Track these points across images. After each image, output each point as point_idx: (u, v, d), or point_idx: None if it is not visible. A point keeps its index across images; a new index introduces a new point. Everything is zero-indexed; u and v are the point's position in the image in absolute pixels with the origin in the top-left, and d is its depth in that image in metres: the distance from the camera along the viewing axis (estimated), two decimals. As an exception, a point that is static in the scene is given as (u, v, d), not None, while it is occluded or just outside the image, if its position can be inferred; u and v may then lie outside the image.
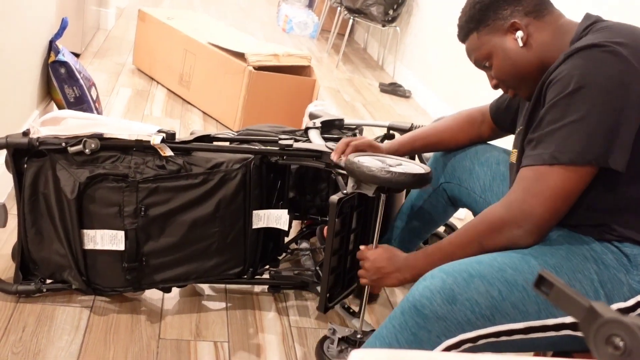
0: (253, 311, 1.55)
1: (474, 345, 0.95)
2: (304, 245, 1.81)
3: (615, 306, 0.92)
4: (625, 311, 0.92)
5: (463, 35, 1.15)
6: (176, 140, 1.40)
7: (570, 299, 0.39)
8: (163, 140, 1.37)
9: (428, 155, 1.90)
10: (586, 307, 0.37)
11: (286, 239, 1.67)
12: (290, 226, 1.57)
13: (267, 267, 1.61)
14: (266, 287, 1.63)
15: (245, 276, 1.53)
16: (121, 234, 1.37)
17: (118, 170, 1.36)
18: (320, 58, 4.47)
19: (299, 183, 1.71)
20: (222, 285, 1.61)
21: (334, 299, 1.39)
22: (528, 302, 0.93)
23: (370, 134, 2.83)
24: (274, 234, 1.57)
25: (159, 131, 1.40)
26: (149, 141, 1.37)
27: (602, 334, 0.36)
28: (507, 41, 1.06)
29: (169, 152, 1.39)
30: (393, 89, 3.96)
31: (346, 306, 1.54)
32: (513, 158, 1.14)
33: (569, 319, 0.92)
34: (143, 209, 1.37)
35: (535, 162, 0.94)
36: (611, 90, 0.89)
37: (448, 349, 0.94)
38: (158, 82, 3.00)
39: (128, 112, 2.59)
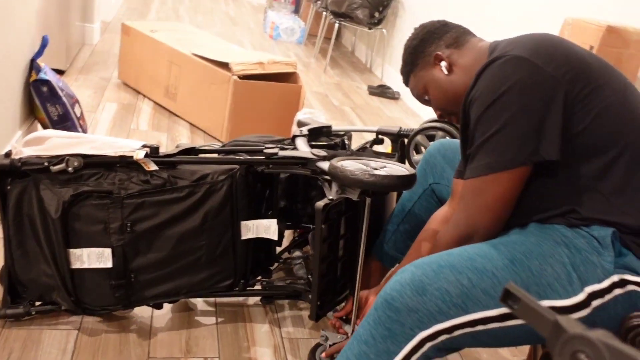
0: (244, 324, 1.53)
1: (451, 337, 0.95)
2: (297, 254, 1.80)
3: (591, 288, 0.92)
4: (601, 292, 0.92)
5: (405, 80, 1.27)
6: (160, 154, 1.39)
7: (536, 314, 0.38)
8: (147, 155, 1.36)
9: (418, 157, 1.90)
10: (552, 322, 0.36)
11: (279, 249, 1.65)
12: (282, 235, 1.56)
13: (259, 278, 1.60)
14: (258, 299, 1.61)
15: (237, 288, 1.51)
16: (108, 251, 1.35)
17: (102, 187, 1.34)
18: (307, 63, 4.47)
19: (290, 191, 1.70)
20: (213, 300, 1.60)
21: (325, 307, 1.38)
22: (499, 288, 0.93)
23: (359, 139, 2.83)
24: (265, 244, 1.56)
25: (143, 146, 1.39)
26: (132, 156, 1.36)
27: (567, 350, 0.34)
28: (436, 72, 1.18)
29: (153, 167, 1.37)
30: (382, 91, 3.96)
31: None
32: None
33: (543, 303, 0.91)
34: (129, 225, 1.35)
35: (472, 175, 1.00)
36: (525, 91, 0.95)
37: (423, 341, 0.94)
38: (144, 96, 2.99)
39: (114, 127, 2.57)
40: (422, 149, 1.90)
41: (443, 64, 1.16)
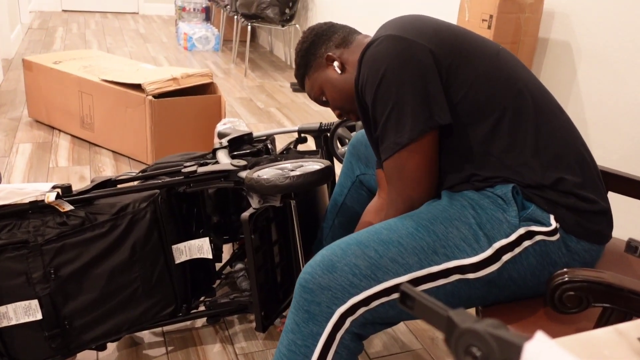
0: (195, 348, 1.50)
1: (370, 308, 0.96)
2: (239, 266, 1.77)
3: (499, 244, 0.95)
4: (510, 246, 0.95)
5: (300, 84, 1.28)
6: (73, 192, 1.33)
7: (431, 311, 0.37)
8: (59, 196, 1.30)
9: (343, 150, 1.90)
10: (445, 318, 0.36)
11: (220, 264, 1.62)
12: (221, 251, 1.52)
13: (203, 298, 1.56)
14: (205, 319, 1.57)
15: (181, 314, 1.47)
16: (35, 302, 1.28)
17: (16, 237, 1.27)
18: (227, 70, 4.41)
19: (221, 205, 1.67)
20: (160, 329, 1.55)
21: (271, 316, 1.36)
22: (406, 254, 0.95)
23: (282, 142, 2.82)
24: (202, 263, 1.52)
25: (53, 187, 1.32)
26: (43, 200, 1.29)
27: (461, 345, 0.34)
28: (329, 73, 1.20)
29: (68, 207, 1.31)
30: (305, 87, 3.95)
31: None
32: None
33: (452, 263, 0.94)
34: (52, 271, 1.29)
35: (386, 155, 1.03)
36: (403, 65, 0.99)
37: (343, 316, 0.95)
38: (60, 130, 2.87)
39: (32, 169, 2.45)
40: (347, 140, 1.91)
41: (336, 63, 1.18)
